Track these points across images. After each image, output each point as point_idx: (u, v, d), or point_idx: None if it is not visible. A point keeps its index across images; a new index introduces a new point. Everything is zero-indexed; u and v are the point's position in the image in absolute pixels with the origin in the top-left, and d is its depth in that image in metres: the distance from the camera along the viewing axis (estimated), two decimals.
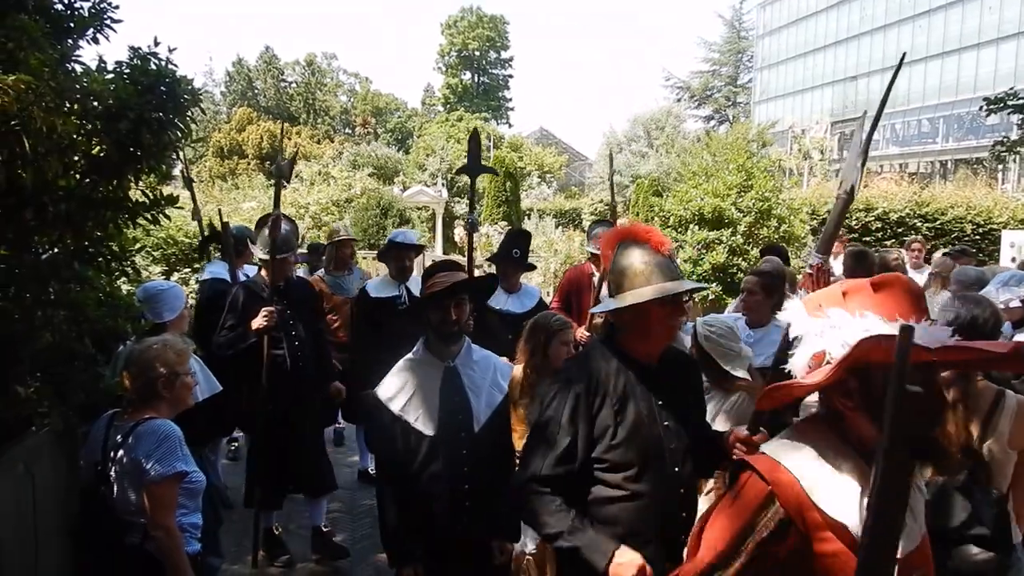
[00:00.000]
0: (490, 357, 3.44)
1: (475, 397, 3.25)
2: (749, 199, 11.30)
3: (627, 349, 2.62)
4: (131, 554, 2.95)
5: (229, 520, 5.89)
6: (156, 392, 3.10)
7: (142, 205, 3.41)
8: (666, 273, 2.55)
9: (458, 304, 3.20)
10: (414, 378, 3.23)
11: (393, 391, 3.21)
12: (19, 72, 2.61)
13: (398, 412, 3.15)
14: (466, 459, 3.16)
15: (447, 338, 3.24)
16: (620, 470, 2.49)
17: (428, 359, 3.28)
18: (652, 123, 42.44)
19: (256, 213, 15.02)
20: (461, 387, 3.25)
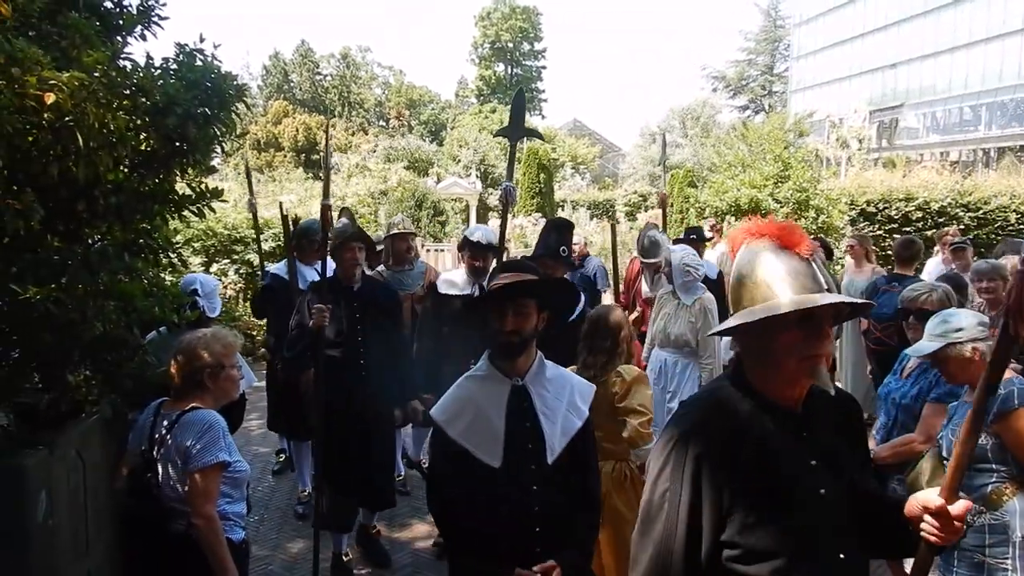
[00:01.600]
0: (567, 376, 2.97)
1: (548, 422, 2.77)
2: (786, 189, 11.22)
3: (762, 390, 1.92)
4: (176, 541, 3.02)
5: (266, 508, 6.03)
6: (202, 382, 3.17)
7: (188, 198, 3.49)
8: (802, 282, 1.85)
9: (518, 311, 2.72)
10: (476, 398, 2.78)
11: (452, 413, 2.77)
12: (73, 69, 2.69)
13: (457, 438, 2.71)
14: (537, 496, 2.68)
15: (506, 351, 2.77)
16: (762, 560, 1.80)
17: (493, 376, 2.81)
18: (687, 113, 42.08)
19: (294, 207, 15.18)
20: (531, 410, 2.77)
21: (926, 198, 14.85)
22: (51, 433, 3.21)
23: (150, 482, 3.06)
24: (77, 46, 2.86)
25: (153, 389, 3.41)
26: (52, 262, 3.06)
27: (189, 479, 2.98)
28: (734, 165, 12.46)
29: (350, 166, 23.00)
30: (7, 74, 2.51)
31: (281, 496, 6.33)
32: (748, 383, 1.93)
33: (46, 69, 2.60)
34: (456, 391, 2.85)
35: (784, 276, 1.85)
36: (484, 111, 53.99)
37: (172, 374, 3.23)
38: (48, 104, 2.57)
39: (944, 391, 3.63)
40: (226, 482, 3.12)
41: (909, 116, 42.79)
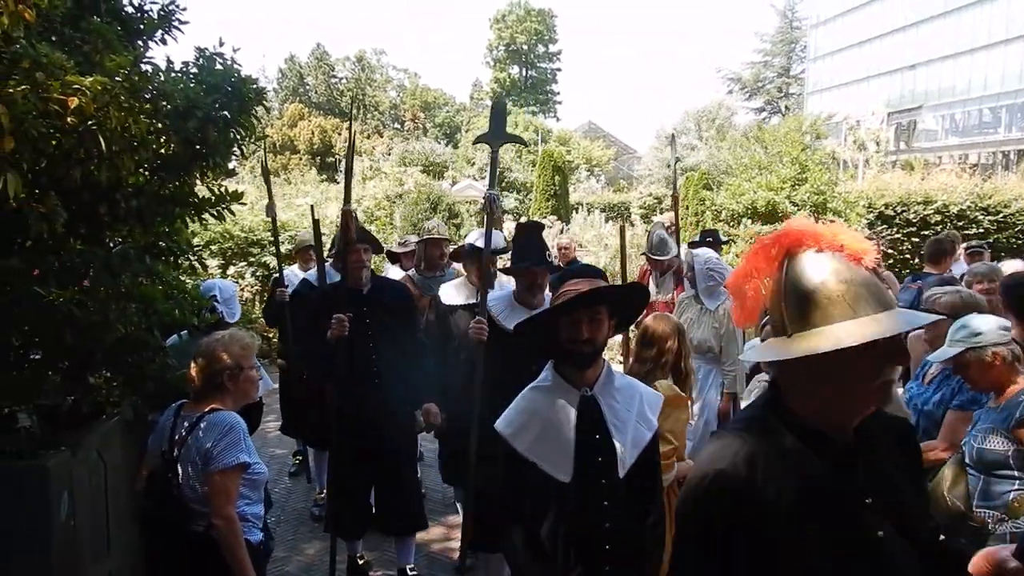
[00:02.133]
0: (635, 385, 2.85)
1: (619, 434, 2.65)
2: (804, 192, 11.17)
3: (811, 419, 1.66)
4: (196, 541, 3.03)
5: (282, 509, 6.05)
6: (221, 384, 3.18)
7: (207, 201, 3.52)
8: (877, 299, 1.60)
9: (593, 318, 2.61)
10: (544, 410, 2.65)
11: (519, 426, 2.66)
12: (95, 74, 2.72)
13: (525, 452, 2.60)
14: (608, 511, 2.59)
15: (580, 360, 2.65)
16: None
17: (560, 386, 2.68)
18: (703, 115, 41.97)
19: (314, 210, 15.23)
20: (602, 422, 2.65)
21: (945, 201, 14.69)
22: (73, 434, 3.24)
23: (170, 483, 3.07)
24: (100, 51, 2.89)
25: (173, 391, 3.44)
26: (74, 264, 3.09)
27: (209, 480, 2.99)
28: (751, 168, 12.41)
29: (365, 169, 23.09)
30: (31, 79, 2.53)
31: (298, 497, 6.35)
32: (789, 411, 1.67)
33: (69, 74, 2.62)
34: (522, 403, 2.73)
35: (864, 292, 1.61)
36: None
37: (192, 376, 3.25)
38: (71, 108, 2.59)
39: (967, 398, 3.59)
40: (245, 484, 3.13)
41: (928, 118, 42.49)
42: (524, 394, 2.75)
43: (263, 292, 12.90)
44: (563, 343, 2.63)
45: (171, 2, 3.54)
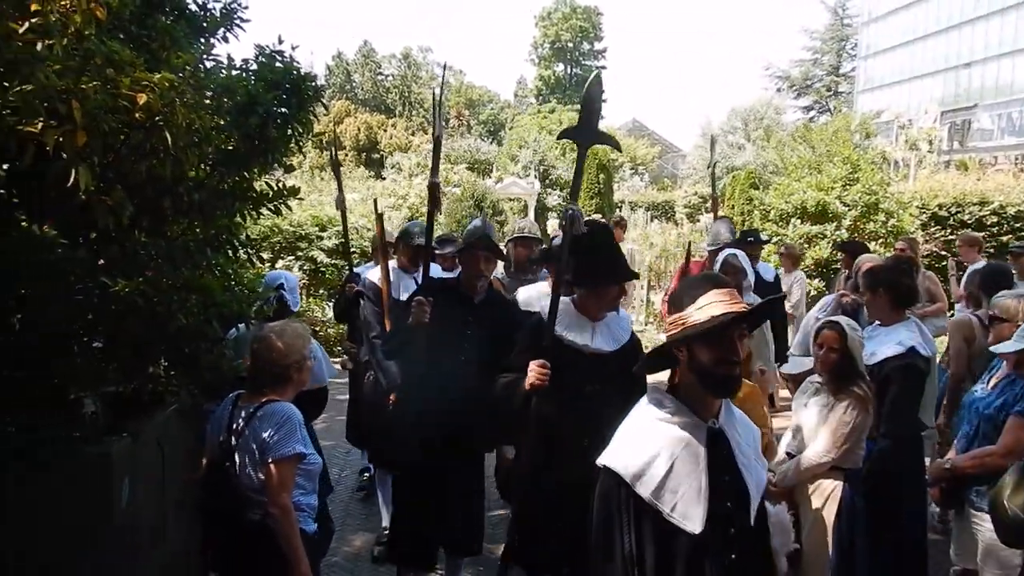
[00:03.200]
0: (743, 414, 2.48)
1: (747, 473, 2.29)
2: (855, 192, 10.96)
3: None
4: (252, 529, 3.09)
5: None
6: (276, 375, 3.24)
7: (265, 195, 3.59)
8: None
9: (741, 335, 2.26)
10: (670, 447, 2.22)
11: (640, 464, 2.21)
12: (162, 70, 2.79)
13: (649, 498, 2.18)
14: (736, 568, 2.23)
15: (729, 386, 2.23)
16: None
17: (686, 417, 2.25)
18: (750, 114, 41.48)
19: (358, 205, 15.41)
20: (731, 460, 2.28)
21: (1002, 202, 14.32)
22: (134, 421, 3.34)
23: (228, 472, 3.14)
24: (167, 48, 2.96)
25: (229, 381, 3.51)
26: (138, 256, 3.17)
27: (266, 470, 3.05)
28: (800, 167, 12.23)
29: (411, 165, 23.26)
30: (103, 75, 2.61)
31: (345, 489, 6.44)
32: None
33: (139, 70, 2.70)
34: (640, 436, 2.28)
35: None
36: (543, 111, 54.04)
37: (248, 367, 3.32)
38: (140, 104, 2.66)
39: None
40: (300, 474, 3.19)
41: (983, 117, 41.42)
42: (640, 424, 2.32)
43: (310, 287, 13.10)
44: (706, 365, 2.19)
45: (233, 0, 3.62)
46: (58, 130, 2.48)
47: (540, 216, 26.38)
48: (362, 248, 12.90)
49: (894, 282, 4.27)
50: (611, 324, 3.69)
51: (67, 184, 2.56)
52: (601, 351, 3.59)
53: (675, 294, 2.34)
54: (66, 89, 2.51)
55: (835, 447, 3.76)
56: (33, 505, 2.92)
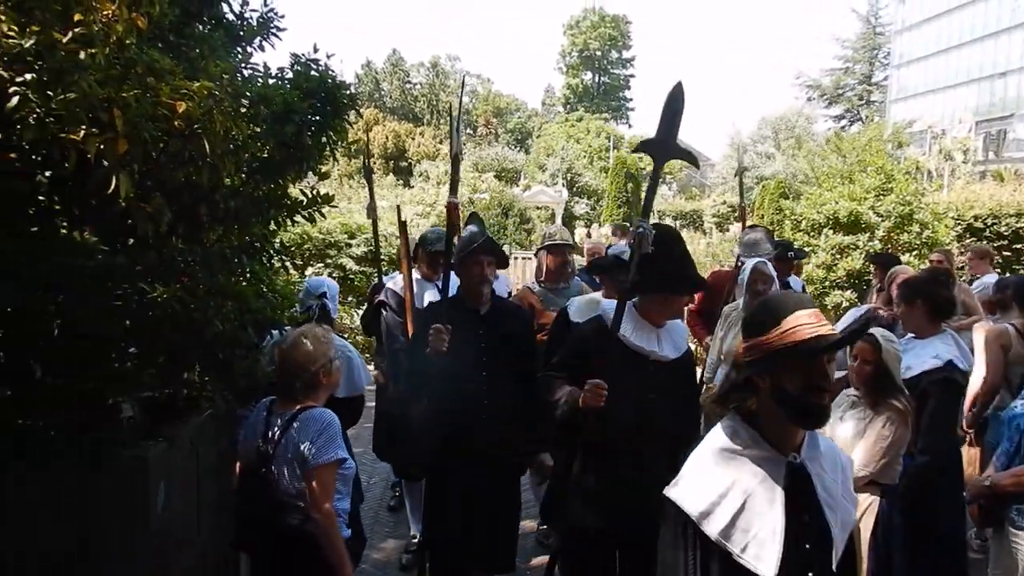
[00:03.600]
0: (833, 446, 2.26)
1: (831, 513, 2.08)
2: (889, 203, 10.81)
3: None
4: (291, 535, 3.09)
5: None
6: (316, 381, 3.24)
7: (299, 203, 3.62)
8: None
9: (830, 360, 2.05)
10: (743, 482, 2.03)
11: (709, 500, 2.02)
12: (201, 79, 2.82)
13: (717, 537, 2.00)
14: None
15: (819, 415, 2.02)
16: None
17: (763, 450, 2.06)
18: (781, 123, 41.20)
19: (386, 212, 15.49)
20: (812, 497, 2.07)
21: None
22: (170, 426, 3.37)
23: (265, 478, 3.14)
24: (205, 56, 3.00)
25: (263, 387, 3.53)
26: (175, 263, 3.21)
27: (308, 476, 3.05)
28: (832, 176, 12.10)
29: (439, 173, 23.38)
30: (144, 83, 2.65)
31: (373, 496, 6.46)
32: None
33: (178, 79, 2.73)
34: (710, 470, 2.09)
35: None
36: (571, 119, 54.04)
37: (276, 374, 3.32)
38: (180, 112, 2.69)
39: None
40: (337, 479, 3.18)
41: (1019, 127, 40.80)
42: (712, 459, 2.11)
43: (339, 294, 13.16)
44: (793, 393, 1.99)
45: (269, 9, 3.66)
46: (100, 138, 2.52)
47: (568, 224, 26.38)
48: (391, 256, 12.98)
49: (931, 294, 4.20)
50: (672, 331, 3.59)
51: (107, 191, 2.60)
52: (666, 358, 3.48)
53: (753, 316, 2.13)
54: (108, 97, 2.55)
55: (873, 461, 3.70)
56: (71, 507, 2.95)
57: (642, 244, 3.33)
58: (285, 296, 3.93)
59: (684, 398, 3.49)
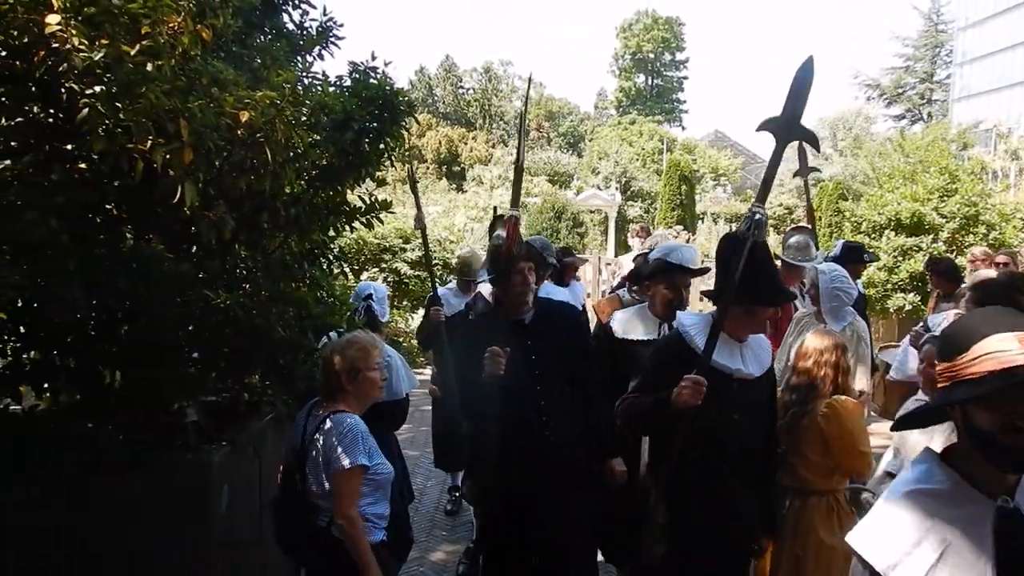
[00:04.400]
0: None
1: None
2: (953, 204, 10.49)
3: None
4: (320, 535, 3.09)
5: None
6: (340, 386, 3.21)
7: (358, 209, 3.66)
8: None
9: None
10: (939, 529, 1.75)
11: (899, 551, 1.77)
12: (263, 89, 2.87)
13: None
14: None
15: (1007, 459, 1.69)
16: None
17: (963, 493, 1.76)
18: (839, 123, 40.37)
19: (440, 217, 15.60)
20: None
21: None
22: (232, 430, 3.42)
23: (300, 479, 3.15)
24: (268, 67, 3.04)
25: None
26: (237, 269, 3.27)
27: (331, 480, 3.05)
28: (894, 177, 11.79)
29: (492, 178, 23.46)
30: (208, 94, 2.70)
31: (430, 499, 6.48)
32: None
33: (241, 89, 2.78)
34: (900, 515, 1.82)
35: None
36: (623, 123, 53.76)
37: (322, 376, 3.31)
38: (242, 121, 2.74)
39: None
40: (367, 484, 3.15)
41: None
42: (902, 503, 1.83)
43: (394, 298, 13.30)
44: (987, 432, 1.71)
45: (329, 19, 3.70)
46: (166, 148, 2.58)
47: (620, 228, 26.22)
48: (444, 260, 13.07)
49: (1009, 299, 4.06)
50: (755, 346, 3.31)
51: (173, 200, 2.66)
52: (750, 376, 3.21)
53: (950, 332, 1.85)
54: (174, 108, 2.61)
55: None
56: (137, 508, 3.02)
57: (758, 232, 3.05)
58: (343, 301, 3.96)
59: (766, 416, 3.34)
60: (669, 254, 3.97)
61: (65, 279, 2.73)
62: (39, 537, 2.94)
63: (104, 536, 3.01)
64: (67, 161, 2.86)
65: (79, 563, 3.01)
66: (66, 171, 2.82)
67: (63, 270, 2.78)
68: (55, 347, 3.23)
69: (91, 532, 2.99)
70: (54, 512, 2.95)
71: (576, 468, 3.58)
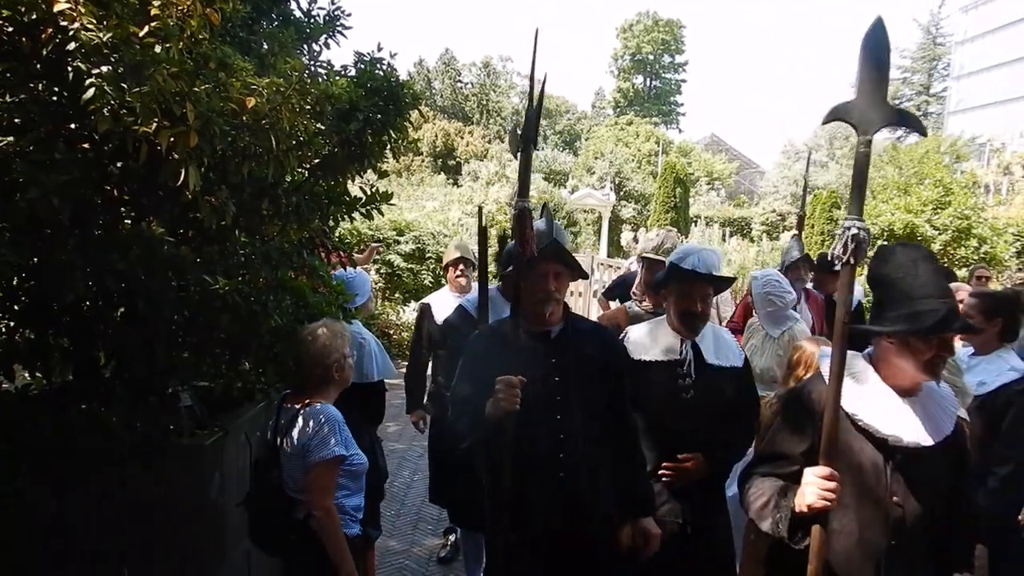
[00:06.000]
0: None
1: None
2: (946, 216, 10.56)
3: None
4: (297, 529, 3.06)
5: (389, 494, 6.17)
6: (316, 376, 3.19)
7: (358, 200, 3.64)
8: None
9: None
10: None
11: None
12: (269, 75, 2.86)
13: None
14: None
15: None
16: None
17: None
18: (836, 132, 40.50)
19: (438, 213, 15.58)
20: None
21: None
22: (224, 416, 3.42)
23: (272, 472, 3.12)
24: (275, 53, 3.03)
25: None
26: (236, 255, 3.26)
27: (308, 473, 3.03)
28: (889, 188, 11.85)
29: (489, 174, 23.44)
30: (216, 78, 2.69)
31: (416, 493, 6.49)
32: None
33: (248, 75, 2.77)
34: None
35: None
36: (620, 123, 53.78)
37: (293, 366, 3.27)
38: (249, 107, 2.73)
39: None
40: (343, 475, 3.14)
41: None
42: None
43: (386, 290, 13.29)
44: None
45: (336, 7, 3.69)
46: (171, 131, 2.56)
47: (613, 229, 26.25)
48: (438, 254, 13.08)
49: (1013, 314, 4.12)
50: (933, 400, 2.45)
51: (176, 183, 2.65)
52: (920, 445, 2.34)
53: None
54: (180, 91, 2.60)
55: None
56: (129, 493, 3.00)
57: (857, 254, 2.29)
58: (338, 291, 3.95)
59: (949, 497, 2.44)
60: (684, 259, 3.38)
61: (65, 259, 2.72)
62: (28, 522, 2.93)
63: (95, 521, 3.00)
64: (71, 140, 2.84)
65: (68, 548, 3.00)
66: (69, 150, 2.80)
67: (63, 250, 2.77)
68: (50, 326, 3.21)
69: (80, 518, 2.98)
70: (44, 497, 2.94)
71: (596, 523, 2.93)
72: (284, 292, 3.28)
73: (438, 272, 13.37)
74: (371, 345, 4.15)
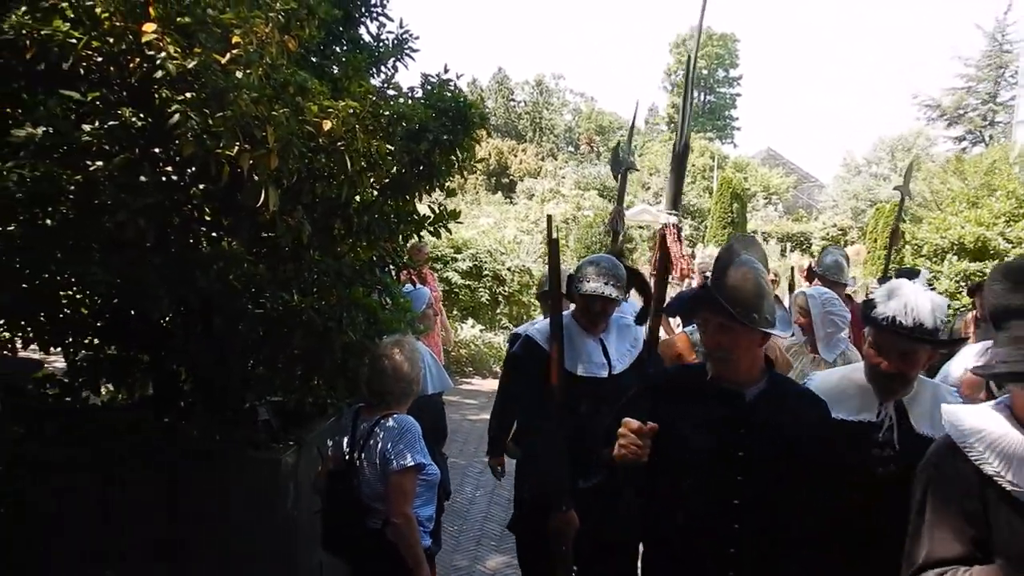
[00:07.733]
0: None
1: None
2: (1020, 229, 10.24)
3: None
4: (372, 538, 3.10)
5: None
6: (401, 390, 3.23)
7: (426, 218, 3.71)
8: None
9: None
10: None
11: None
12: (343, 98, 2.94)
13: None
14: None
15: None
16: None
17: None
18: (898, 144, 39.68)
19: (494, 231, 15.68)
20: None
21: None
22: (298, 430, 3.49)
23: (350, 483, 3.17)
24: (349, 77, 3.12)
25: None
26: (310, 273, 3.34)
27: (390, 480, 3.07)
28: (958, 200, 11.56)
29: (544, 191, 23.54)
30: (294, 103, 2.78)
31: (478, 509, 6.50)
32: None
33: (324, 98, 2.85)
34: None
35: None
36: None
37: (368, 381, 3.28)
38: (324, 130, 2.82)
39: None
40: (420, 484, 3.18)
41: None
42: None
43: (444, 307, 13.41)
44: None
45: (405, 31, 3.78)
46: (252, 153, 2.66)
47: None
48: (495, 271, 13.15)
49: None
50: None
51: (256, 204, 2.74)
52: None
53: None
54: (260, 116, 2.69)
55: None
56: (211, 503, 3.10)
57: None
58: (405, 308, 4.02)
59: None
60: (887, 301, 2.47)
61: (151, 278, 2.83)
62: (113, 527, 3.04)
63: (176, 531, 3.09)
64: (155, 164, 2.96)
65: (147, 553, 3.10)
66: (154, 174, 2.92)
67: (147, 269, 2.88)
68: (133, 343, 3.34)
69: (163, 525, 3.08)
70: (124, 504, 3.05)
71: None
72: (357, 309, 3.35)
73: (495, 290, 13.43)
74: (426, 358, 4.21)
